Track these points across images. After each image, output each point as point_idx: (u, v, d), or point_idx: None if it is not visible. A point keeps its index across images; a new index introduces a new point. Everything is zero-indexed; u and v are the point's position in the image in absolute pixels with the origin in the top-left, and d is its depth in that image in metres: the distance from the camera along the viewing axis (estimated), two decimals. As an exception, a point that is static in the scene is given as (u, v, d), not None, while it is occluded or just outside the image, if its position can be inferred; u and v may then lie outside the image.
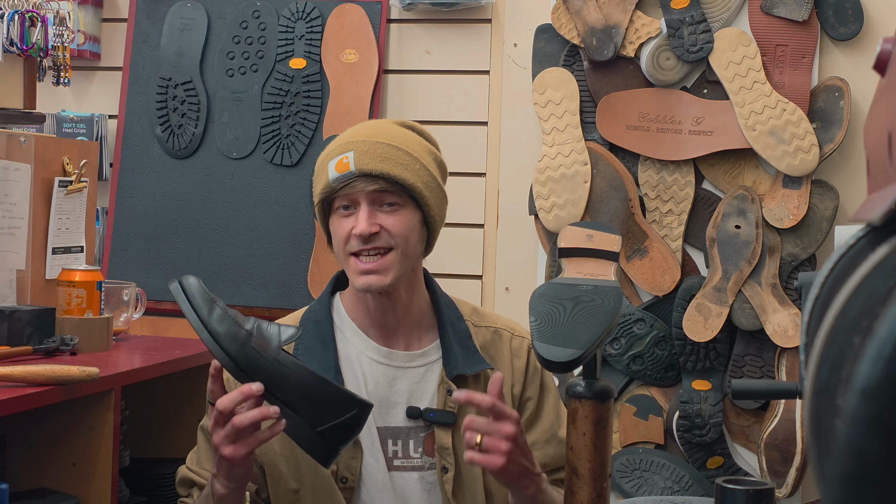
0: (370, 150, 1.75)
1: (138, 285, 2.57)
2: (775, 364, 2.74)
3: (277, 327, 1.62)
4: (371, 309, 1.82)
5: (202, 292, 1.61)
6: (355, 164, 1.73)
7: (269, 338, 1.60)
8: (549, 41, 2.87)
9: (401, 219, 1.76)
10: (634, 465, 2.76)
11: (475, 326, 1.89)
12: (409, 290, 1.83)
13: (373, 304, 1.81)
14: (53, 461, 2.03)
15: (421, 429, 1.81)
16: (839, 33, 2.75)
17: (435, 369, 1.84)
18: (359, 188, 1.74)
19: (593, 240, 1.63)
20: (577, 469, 1.49)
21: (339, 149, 1.77)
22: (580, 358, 1.40)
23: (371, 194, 1.74)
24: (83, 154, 2.45)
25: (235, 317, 1.60)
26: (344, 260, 1.77)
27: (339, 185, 1.74)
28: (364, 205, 1.74)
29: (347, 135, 1.81)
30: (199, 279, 1.64)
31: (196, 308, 1.60)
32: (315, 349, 1.80)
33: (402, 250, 1.76)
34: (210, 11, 3.05)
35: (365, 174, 1.73)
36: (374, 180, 1.74)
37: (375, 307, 1.81)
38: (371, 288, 1.75)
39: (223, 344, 1.58)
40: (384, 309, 1.81)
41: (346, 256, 1.76)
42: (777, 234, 2.74)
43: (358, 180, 1.74)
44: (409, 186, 1.75)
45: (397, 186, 1.75)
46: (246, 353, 1.58)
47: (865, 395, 0.46)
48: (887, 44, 0.72)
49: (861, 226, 0.68)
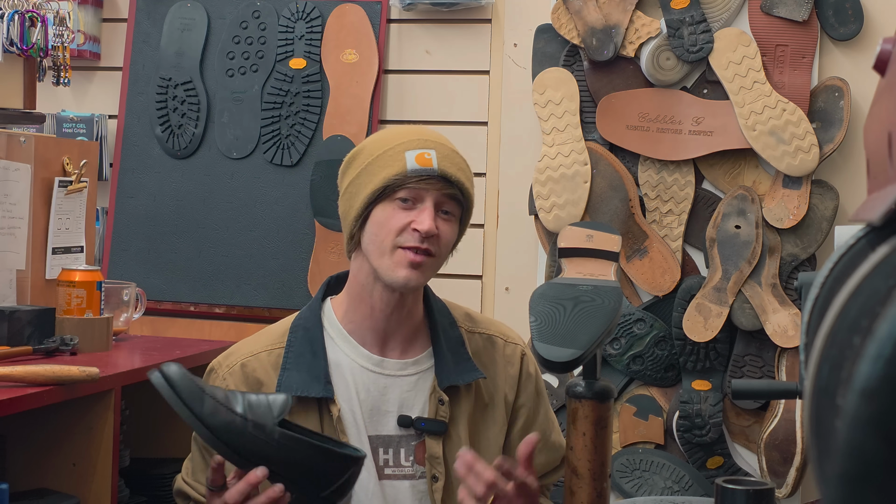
0: (450, 156, 1.77)
1: (138, 285, 2.58)
2: (775, 364, 2.74)
3: (267, 400, 1.59)
4: (375, 310, 1.80)
5: (188, 383, 1.56)
6: (438, 164, 1.74)
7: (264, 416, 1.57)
8: (549, 41, 2.87)
9: (451, 230, 1.78)
10: (634, 465, 2.76)
11: (468, 332, 1.88)
12: (416, 296, 1.83)
13: (380, 304, 1.79)
14: (53, 461, 2.03)
15: (412, 437, 1.80)
16: (839, 33, 2.75)
17: (427, 378, 1.82)
18: (436, 187, 1.74)
19: (593, 240, 1.63)
20: (577, 469, 1.49)
21: (417, 143, 1.76)
22: (580, 358, 1.40)
23: (440, 197, 1.75)
24: (83, 154, 2.45)
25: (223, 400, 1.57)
26: (388, 250, 1.74)
27: (416, 177, 1.74)
28: (430, 204, 1.74)
29: (416, 132, 1.80)
30: (179, 365, 1.59)
31: (187, 403, 1.55)
32: (304, 357, 1.79)
33: (440, 259, 1.78)
34: (210, 11, 3.05)
35: (444, 177, 1.75)
36: (451, 186, 1.75)
37: (381, 308, 1.79)
38: (409, 283, 1.74)
39: (222, 438, 1.55)
40: (389, 312, 1.79)
41: (393, 247, 1.74)
42: (777, 234, 2.74)
43: (437, 180, 1.74)
44: (471, 203, 1.80)
45: (463, 199, 1.78)
46: (245, 441, 1.56)
47: (865, 395, 0.46)
48: (887, 44, 0.72)
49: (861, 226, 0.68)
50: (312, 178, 2.92)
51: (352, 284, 1.83)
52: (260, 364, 1.80)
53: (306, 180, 2.94)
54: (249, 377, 1.79)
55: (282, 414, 1.58)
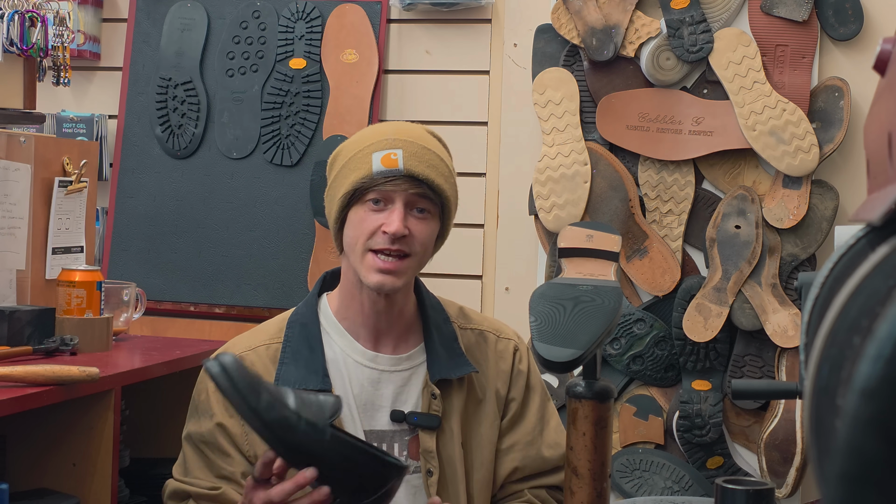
0: (419, 154, 1.75)
1: (138, 285, 2.57)
2: (775, 364, 2.74)
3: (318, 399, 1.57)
4: (365, 308, 1.81)
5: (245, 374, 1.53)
6: (404, 164, 1.73)
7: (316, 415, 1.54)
8: (549, 41, 2.87)
9: (427, 227, 1.76)
10: (634, 465, 2.76)
11: (461, 328, 1.89)
12: (406, 294, 1.83)
13: (368, 303, 1.80)
14: (53, 461, 2.03)
15: (405, 432, 1.81)
16: (839, 33, 2.75)
17: (420, 372, 1.83)
18: (402, 188, 1.73)
19: (593, 240, 1.63)
20: (577, 469, 1.49)
21: (384, 143, 1.75)
22: (580, 358, 1.40)
23: (409, 196, 1.74)
24: (83, 154, 2.45)
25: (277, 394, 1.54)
26: (360, 254, 1.74)
27: (382, 179, 1.73)
28: (399, 205, 1.73)
29: (390, 131, 1.79)
30: (234, 356, 1.55)
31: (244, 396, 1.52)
32: (302, 352, 1.80)
33: (419, 258, 1.77)
34: (210, 11, 3.05)
35: (411, 176, 1.73)
36: (419, 184, 1.74)
37: (370, 307, 1.80)
38: (383, 288, 1.74)
39: (276, 433, 1.53)
40: (379, 310, 1.80)
41: (364, 251, 1.74)
42: (777, 234, 2.74)
43: (403, 180, 1.73)
44: (446, 199, 1.77)
45: (435, 196, 1.76)
46: (298, 438, 1.53)
47: (865, 395, 0.46)
48: (887, 44, 0.72)
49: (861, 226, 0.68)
50: (312, 178, 2.92)
51: (343, 282, 1.85)
52: (258, 358, 1.81)
53: (306, 180, 2.94)
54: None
55: (335, 415, 1.56)
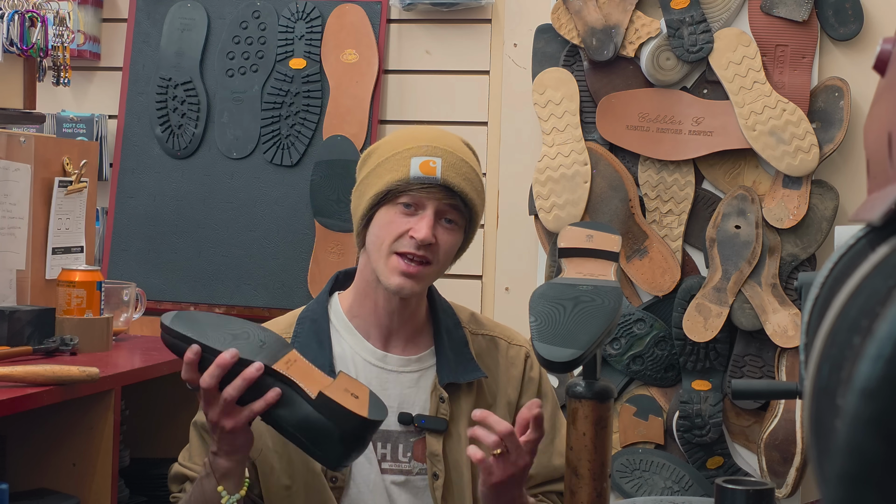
0: (457, 165, 1.77)
1: (138, 285, 2.58)
2: (775, 364, 2.74)
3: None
4: (378, 307, 1.82)
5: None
6: (442, 173, 1.74)
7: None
8: (549, 41, 2.87)
9: (452, 238, 1.78)
10: (634, 465, 2.76)
11: (472, 334, 1.90)
12: (419, 297, 1.84)
13: (382, 302, 1.81)
14: (53, 461, 2.03)
15: (411, 434, 1.81)
16: (839, 33, 2.75)
17: (428, 375, 1.84)
18: (436, 196, 1.75)
19: (593, 240, 1.63)
20: (577, 469, 1.49)
21: (424, 150, 1.76)
22: (580, 358, 1.40)
23: (441, 206, 1.76)
24: (83, 154, 2.45)
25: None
26: (384, 255, 1.76)
27: (418, 185, 1.74)
28: (430, 213, 1.75)
29: (429, 137, 1.80)
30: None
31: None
32: (311, 347, 1.81)
33: (440, 267, 1.79)
34: (210, 11, 3.05)
35: (447, 186, 1.75)
36: (452, 195, 1.76)
37: (384, 306, 1.81)
38: (402, 291, 1.75)
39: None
40: (391, 309, 1.81)
41: (389, 253, 1.75)
42: (777, 234, 2.74)
43: (438, 189, 1.75)
44: (475, 213, 1.80)
45: (465, 208, 1.78)
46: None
47: (865, 395, 0.46)
48: (887, 44, 0.72)
49: (861, 226, 0.68)
50: (312, 179, 2.92)
51: (359, 280, 1.86)
52: None
53: (306, 180, 2.94)
54: None
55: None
